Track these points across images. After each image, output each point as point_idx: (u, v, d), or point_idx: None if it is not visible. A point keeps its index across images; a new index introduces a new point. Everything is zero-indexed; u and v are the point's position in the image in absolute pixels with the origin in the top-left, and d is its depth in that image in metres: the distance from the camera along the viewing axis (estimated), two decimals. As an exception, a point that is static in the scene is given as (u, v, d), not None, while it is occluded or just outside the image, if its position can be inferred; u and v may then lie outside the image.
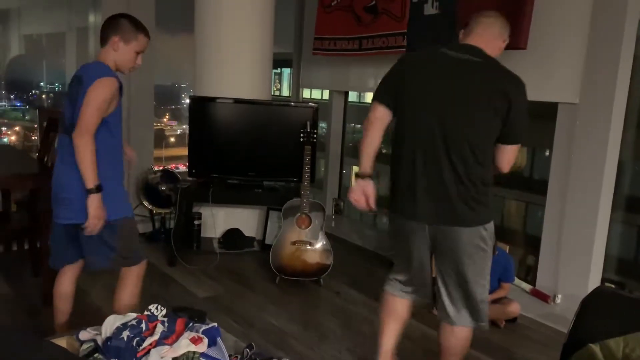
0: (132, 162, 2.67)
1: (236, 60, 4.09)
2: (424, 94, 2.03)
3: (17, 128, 7.34)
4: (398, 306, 2.31)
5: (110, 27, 2.25)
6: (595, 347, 1.60)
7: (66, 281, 2.52)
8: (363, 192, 2.14)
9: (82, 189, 2.17)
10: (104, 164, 2.18)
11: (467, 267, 2.08)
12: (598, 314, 1.73)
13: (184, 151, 4.18)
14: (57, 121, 3.51)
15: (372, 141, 2.13)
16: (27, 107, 7.22)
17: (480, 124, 1.98)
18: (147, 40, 2.32)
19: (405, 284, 2.30)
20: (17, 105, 7.39)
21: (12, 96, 7.27)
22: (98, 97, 2.11)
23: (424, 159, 2.02)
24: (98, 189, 2.16)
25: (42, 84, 7.34)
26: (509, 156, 2.06)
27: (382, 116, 2.12)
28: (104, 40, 2.26)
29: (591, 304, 1.78)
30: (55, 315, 2.53)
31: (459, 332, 2.17)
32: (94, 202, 2.16)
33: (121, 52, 2.24)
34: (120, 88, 2.23)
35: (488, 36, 2.07)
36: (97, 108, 2.11)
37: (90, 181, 2.14)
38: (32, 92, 7.37)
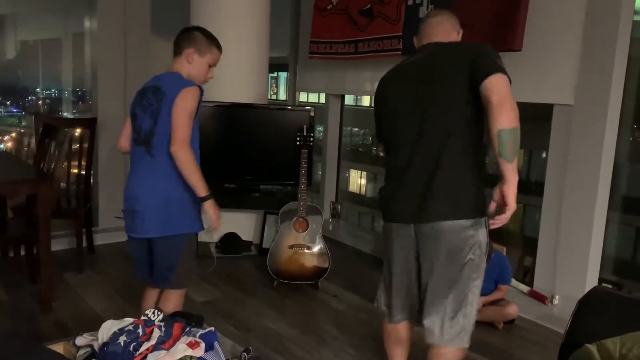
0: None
1: (232, 64, 4.08)
2: (396, 99, 2.03)
3: (13, 134, 7.33)
4: (401, 332, 2.20)
5: (185, 39, 2.28)
6: (593, 348, 1.60)
7: (149, 301, 2.45)
8: None
9: (156, 203, 2.19)
10: (179, 179, 2.18)
11: (451, 271, 1.93)
12: (595, 314, 1.73)
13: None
14: (53, 127, 3.53)
15: None
16: (24, 113, 7.21)
17: (454, 104, 1.86)
18: (219, 53, 2.35)
19: (397, 303, 2.14)
20: (13, 112, 7.38)
21: (8, 102, 7.27)
22: (187, 106, 2.14)
23: (407, 158, 1.96)
24: (212, 194, 2.20)
25: (38, 90, 7.33)
26: (495, 89, 1.71)
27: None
28: (178, 51, 2.29)
29: (588, 304, 1.78)
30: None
31: (445, 354, 2.01)
32: (211, 208, 2.22)
33: (195, 64, 2.28)
34: (200, 101, 2.24)
35: (439, 33, 2.04)
36: (188, 117, 2.15)
37: (202, 190, 2.17)
38: (28, 98, 7.36)
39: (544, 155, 3.68)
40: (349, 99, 5.10)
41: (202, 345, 1.71)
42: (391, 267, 2.12)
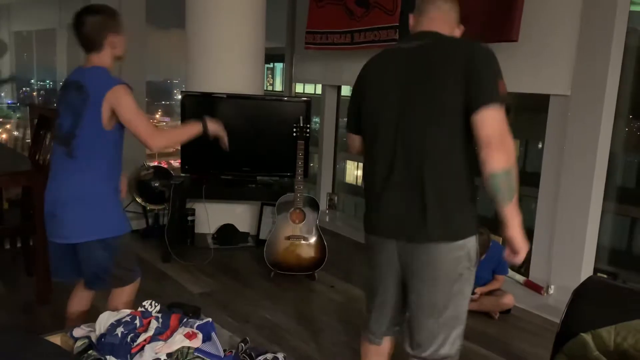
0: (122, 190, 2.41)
1: (228, 55, 4.08)
2: (379, 96, 1.79)
3: (8, 126, 7.30)
4: (382, 349, 2.00)
5: (96, 29, 2.10)
6: (587, 337, 1.61)
7: (74, 300, 2.35)
8: None
9: (77, 207, 2.09)
10: (104, 178, 2.12)
11: (438, 294, 1.74)
12: (590, 304, 1.74)
13: (177, 147, 4.17)
14: (48, 119, 3.50)
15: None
16: (18, 104, 7.17)
17: (444, 110, 1.65)
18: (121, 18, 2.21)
19: (380, 323, 1.95)
20: (8, 103, 7.34)
21: (2, 94, 7.23)
22: (130, 104, 2.05)
23: (388, 164, 1.74)
24: (204, 121, 2.31)
25: (32, 81, 7.29)
26: (490, 125, 1.57)
27: (360, 145, 1.93)
28: (96, 45, 2.11)
29: (583, 294, 1.79)
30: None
31: None
32: (213, 127, 2.37)
33: (118, 44, 2.16)
34: None
35: (444, 23, 1.79)
36: (138, 112, 2.07)
37: (195, 129, 2.30)
38: (22, 89, 7.32)
39: (539, 145, 3.69)
40: (345, 90, 5.08)
41: (200, 336, 1.71)
42: (375, 284, 1.92)
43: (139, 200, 4.32)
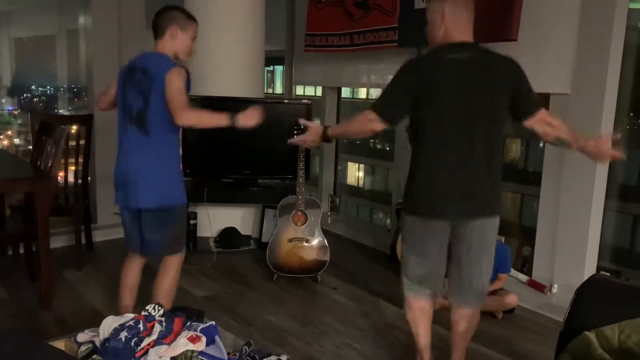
0: None
1: (228, 58, 4.08)
2: (447, 98, 2.06)
3: (9, 132, 7.32)
4: (425, 306, 2.36)
5: (165, 18, 2.43)
6: (591, 335, 1.61)
7: (131, 271, 2.61)
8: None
9: (149, 177, 2.36)
10: (171, 155, 2.42)
11: (484, 256, 2.22)
12: (593, 302, 1.74)
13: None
14: (49, 124, 3.51)
15: (350, 136, 2.34)
16: (19, 111, 7.19)
17: (502, 114, 2.10)
18: (197, 26, 2.54)
19: (424, 286, 2.31)
20: (9, 110, 7.36)
21: (3, 100, 7.25)
22: (178, 84, 2.30)
23: (460, 158, 2.08)
24: (232, 115, 2.41)
25: (33, 87, 7.31)
26: (550, 116, 2.15)
27: (377, 130, 2.19)
28: (160, 31, 2.43)
29: (586, 292, 1.79)
30: (119, 305, 2.60)
31: (472, 314, 2.31)
32: (243, 120, 2.46)
33: (180, 39, 2.44)
34: (188, 79, 2.38)
35: (469, 33, 2.14)
36: (181, 92, 2.29)
37: (224, 121, 2.38)
38: (23, 95, 7.34)
39: (541, 144, 3.69)
40: (345, 92, 5.08)
41: (204, 339, 1.71)
42: (424, 259, 2.25)
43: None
